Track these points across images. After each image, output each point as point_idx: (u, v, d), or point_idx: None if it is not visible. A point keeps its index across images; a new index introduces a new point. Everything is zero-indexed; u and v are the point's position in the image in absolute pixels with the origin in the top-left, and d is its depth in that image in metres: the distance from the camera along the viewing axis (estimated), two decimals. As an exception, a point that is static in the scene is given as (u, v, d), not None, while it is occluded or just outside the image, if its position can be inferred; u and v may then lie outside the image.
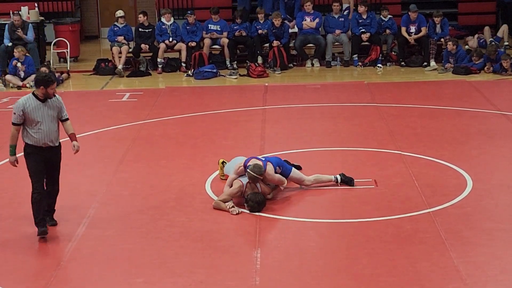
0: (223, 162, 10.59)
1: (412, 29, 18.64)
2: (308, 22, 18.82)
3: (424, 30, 18.59)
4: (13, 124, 8.77)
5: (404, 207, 9.47)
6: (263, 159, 9.98)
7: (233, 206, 9.42)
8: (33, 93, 8.79)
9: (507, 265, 7.87)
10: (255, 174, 9.55)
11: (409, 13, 18.68)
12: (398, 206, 9.49)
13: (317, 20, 18.85)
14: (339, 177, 10.20)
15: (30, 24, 18.59)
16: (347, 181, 10.20)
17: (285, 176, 10.01)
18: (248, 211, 9.42)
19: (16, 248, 8.66)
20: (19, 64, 17.52)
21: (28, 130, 8.73)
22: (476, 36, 19.95)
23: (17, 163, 8.97)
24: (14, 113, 8.71)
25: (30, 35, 18.38)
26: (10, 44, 18.25)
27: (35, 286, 7.74)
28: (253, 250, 8.37)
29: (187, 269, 7.96)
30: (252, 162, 9.74)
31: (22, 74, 17.52)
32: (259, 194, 9.51)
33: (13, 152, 8.89)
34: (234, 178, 9.79)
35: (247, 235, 8.83)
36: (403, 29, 18.64)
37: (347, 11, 19.48)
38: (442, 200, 9.63)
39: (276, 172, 9.87)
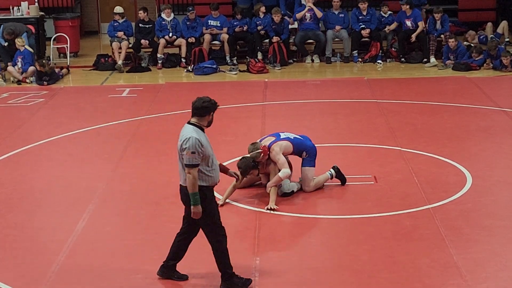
0: None
1: (408, 23, 18.61)
2: (303, 12, 18.74)
3: (421, 25, 18.56)
4: (195, 166, 7.16)
5: (404, 204, 9.47)
6: (285, 136, 9.87)
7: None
8: (191, 123, 7.38)
9: (507, 261, 7.88)
10: (249, 152, 9.59)
11: (402, 7, 18.69)
12: (398, 203, 9.49)
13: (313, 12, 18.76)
14: (333, 171, 10.11)
15: (25, 34, 18.29)
16: (340, 176, 10.09)
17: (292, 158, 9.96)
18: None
19: (15, 244, 8.66)
20: (19, 63, 17.49)
21: (202, 169, 7.25)
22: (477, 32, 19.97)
23: None
24: (193, 152, 7.14)
25: (27, 44, 18.13)
26: (6, 44, 18.19)
27: (35, 282, 7.74)
28: (253, 246, 8.37)
29: (187, 265, 7.95)
30: (266, 139, 9.84)
31: (20, 64, 17.50)
32: (247, 159, 9.54)
33: (199, 201, 7.31)
34: None
35: (247, 231, 8.83)
36: (395, 24, 18.63)
37: None
38: (442, 196, 9.63)
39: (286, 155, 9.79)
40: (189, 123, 7.41)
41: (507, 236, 8.50)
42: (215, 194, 9.72)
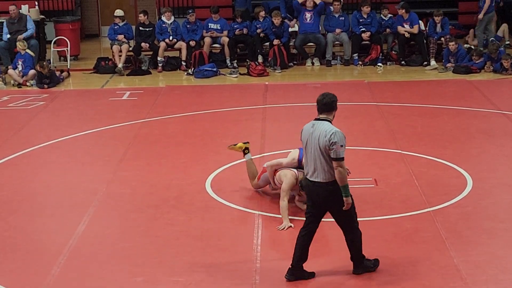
0: (245, 149, 10.11)
1: (406, 27, 18.63)
2: None
3: (416, 28, 18.56)
4: (343, 158, 7.34)
5: (404, 206, 9.46)
6: None
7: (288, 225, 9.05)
8: (323, 119, 7.52)
9: (507, 264, 7.87)
10: None
11: (398, 12, 18.74)
12: (399, 205, 9.49)
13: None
14: None
15: (28, 16, 18.60)
16: None
17: None
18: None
19: (16, 246, 8.65)
20: (20, 66, 17.53)
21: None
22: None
23: None
24: (342, 146, 7.30)
25: (31, 26, 18.42)
26: (9, 35, 18.32)
27: (35, 284, 7.73)
28: (253, 249, 8.37)
29: (187, 268, 7.96)
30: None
31: (20, 67, 17.55)
32: None
33: (349, 192, 7.51)
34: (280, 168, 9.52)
35: (247, 234, 8.82)
36: (400, 28, 18.64)
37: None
38: (443, 199, 9.63)
39: None
40: (319, 119, 7.55)
41: (508, 239, 8.49)
42: (222, 200, 9.84)
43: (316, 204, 7.62)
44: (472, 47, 19.06)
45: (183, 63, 18.80)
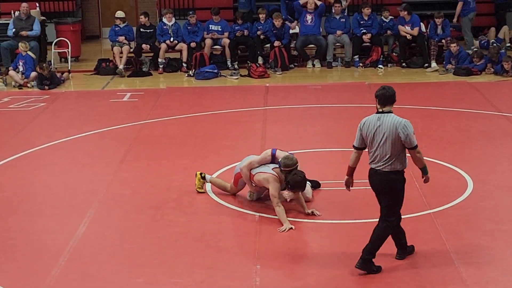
0: (201, 173, 10.13)
1: (407, 29, 18.63)
2: None
3: (416, 31, 18.57)
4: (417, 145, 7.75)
5: (404, 208, 9.36)
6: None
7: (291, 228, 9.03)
8: (388, 112, 7.83)
9: (508, 266, 7.87)
10: (289, 165, 9.14)
11: (400, 13, 18.74)
12: (399, 207, 9.47)
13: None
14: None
15: (37, 18, 18.72)
16: (314, 185, 10.02)
17: None
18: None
19: (16, 247, 8.65)
20: (20, 67, 17.55)
21: (403, 154, 7.72)
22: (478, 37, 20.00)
23: None
24: (414, 134, 7.69)
25: (37, 28, 18.53)
26: (14, 30, 18.38)
27: (35, 285, 7.73)
28: (254, 250, 8.36)
29: (187, 269, 7.96)
30: (283, 153, 9.44)
31: (21, 68, 17.57)
32: (295, 174, 9.13)
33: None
34: (255, 167, 9.49)
35: (248, 235, 8.82)
36: (401, 27, 18.65)
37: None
38: (443, 201, 9.63)
39: None
40: (383, 112, 7.81)
41: (508, 241, 8.48)
42: (222, 202, 9.84)
43: (378, 193, 7.90)
44: (476, 49, 19.07)
45: (184, 65, 18.81)
